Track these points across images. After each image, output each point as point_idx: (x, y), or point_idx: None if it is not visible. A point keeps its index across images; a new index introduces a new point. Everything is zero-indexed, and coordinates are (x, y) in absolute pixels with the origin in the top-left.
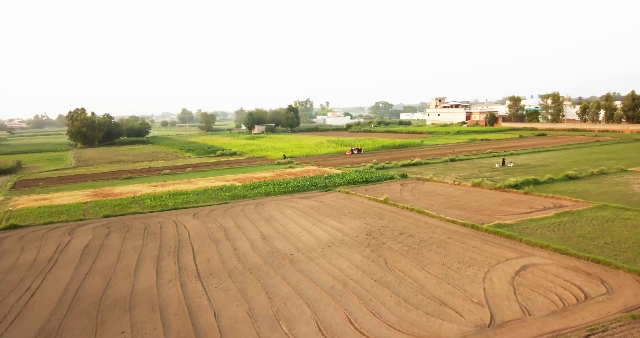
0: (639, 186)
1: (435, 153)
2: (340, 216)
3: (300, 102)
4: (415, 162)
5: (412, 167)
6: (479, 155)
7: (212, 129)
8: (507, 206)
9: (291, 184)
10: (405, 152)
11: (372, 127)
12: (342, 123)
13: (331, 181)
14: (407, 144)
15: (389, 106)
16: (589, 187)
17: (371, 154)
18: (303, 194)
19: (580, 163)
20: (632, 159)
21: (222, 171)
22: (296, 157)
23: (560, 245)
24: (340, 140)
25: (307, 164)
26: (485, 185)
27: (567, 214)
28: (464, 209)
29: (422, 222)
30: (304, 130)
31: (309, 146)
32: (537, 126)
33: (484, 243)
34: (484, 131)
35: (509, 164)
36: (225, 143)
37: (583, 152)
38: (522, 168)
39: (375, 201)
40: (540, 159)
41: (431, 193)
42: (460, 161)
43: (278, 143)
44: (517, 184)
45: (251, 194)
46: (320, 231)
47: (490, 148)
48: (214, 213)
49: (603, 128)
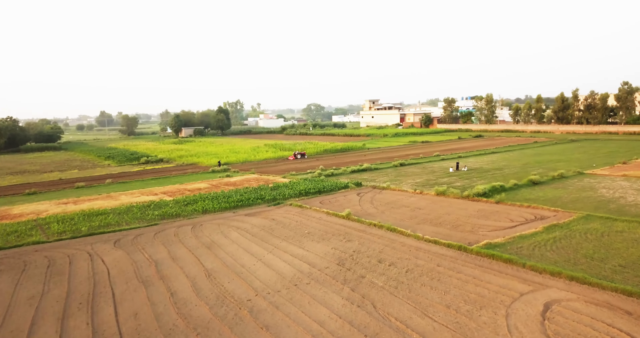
0: (606, 191)
1: (381, 157)
2: (300, 238)
3: (230, 103)
4: (365, 168)
5: (363, 173)
6: (428, 159)
7: (134, 133)
8: (485, 218)
9: (233, 197)
10: (350, 156)
11: (309, 129)
12: (276, 126)
13: (279, 192)
14: (350, 148)
15: (321, 108)
16: (558, 193)
17: (315, 159)
18: (249, 210)
19: (531, 166)
20: (578, 160)
21: (148, 182)
22: (232, 163)
23: (573, 270)
24: (279, 144)
25: (246, 172)
26: (451, 194)
27: (556, 228)
28: (440, 225)
29: (398, 244)
30: (235, 133)
31: (246, 151)
32: (471, 128)
33: (483, 271)
34: (421, 132)
35: (463, 169)
36: (150, 148)
37: (528, 154)
38: (476, 172)
39: (336, 217)
40: (490, 162)
41: (394, 204)
42: (410, 165)
43: (210, 148)
44: (486, 192)
45: (185, 211)
46: (279, 261)
47: (437, 151)
48: (141, 239)
49: (535, 129)
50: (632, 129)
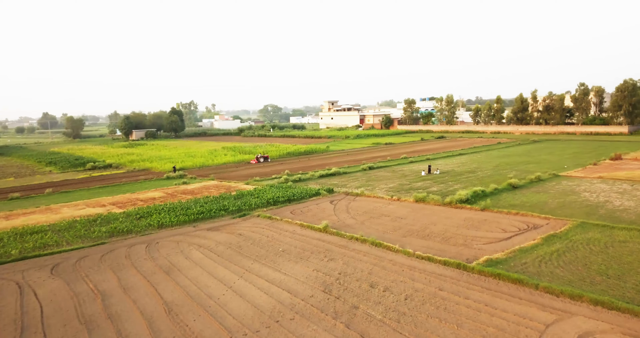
0: (590, 195)
1: (347, 160)
2: (274, 258)
3: (183, 104)
4: (333, 172)
5: (332, 178)
6: (396, 161)
7: (80, 136)
8: (475, 229)
9: (192, 209)
10: (315, 159)
11: (269, 131)
12: (232, 127)
13: (245, 201)
14: (314, 150)
15: (278, 109)
16: (541, 198)
17: (279, 163)
18: (211, 223)
19: (503, 168)
20: (548, 162)
21: (95, 191)
22: (189, 169)
23: (594, 292)
24: (238, 146)
25: (205, 178)
26: (432, 201)
27: (555, 239)
28: (428, 237)
29: (388, 262)
30: (190, 135)
31: (203, 155)
32: (432, 129)
33: (493, 295)
34: (383, 134)
35: (435, 172)
36: (97, 152)
37: (495, 155)
38: (449, 175)
39: (312, 230)
40: (460, 165)
41: (372, 213)
42: (379, 168)
43: (163, 151)
44: (469, 198)
45: (139, 226)
46: (254, 289)
47: (403, 153)
48: (85, 264)
49: (495, 130)
50: (589, 130)
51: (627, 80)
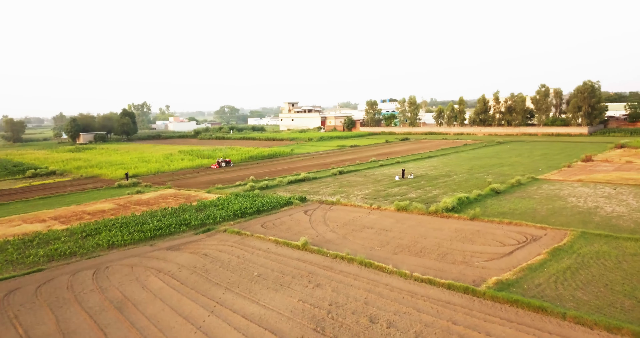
0: (576, 200)
1: (315, 164)
2: (250, 285)
3: (135, 105)
4: (303, 177)
5: (302, 184)
6: (366, 165)
7: (21, 140)
8: (470, 242)
9: (149, 224)
10: (280, 163)
11: (227, 133)
12: (188, 129)
13: (208, 214)
14: (278, 154)
15: (235, 110)
16: (528, 204)
17: (242, 168)
18: (171, 240)
19: (477, 171)
20: (521, 164)
21: (34, 203)
22: (143, 175)
23: (632, 322)
24: (195, 150)
25: (161, 186)
26: (416, 210)
27: (561, 253)
28: (422, 254)
29: (383, 287)
30: (143, 138)
31: (158, 160)
32: (395, 131)
33: (517, 329)
34: (346, 136)
35: (409, 176)
36: (40, 158)
37: (465, 157)
38: (425, 180)
39: (289, 248)
40: (432, 168)
41: (353, 224)
42: (350, 173)
43: (114, 156)
44: (454, 206)
45: (85, 247)
46: (230, 330)
47: (370, 156)
48: (15, 299)
49: (458, 131)
50: (550, 131)
51: (586, 82)
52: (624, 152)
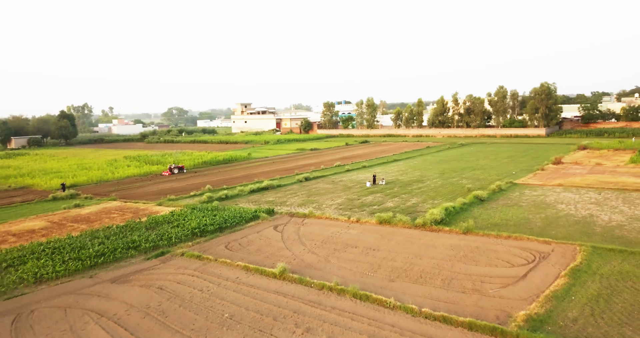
0: (566, 207)
1: (277, 170)
2: (221, 333)
3: (75, 107)
4: (266, 185)
5: (265, 193)
6: (331, 170)
7: None
8: (473, 262)
9: (89, 248)
10: (238, 169)
11: (177, 136)
12: (134, 132)
13: (161, 233)
14: (234, 158)
15: (184, 112)
16: (518, 213)
17: (195, 174)
18: (116, 269)
19: (449, 175)
20: (491, 167)
21: None
22: (83, 185)
23: None
24: (143, 155)
25: (104, 197)
26: (400, 223)
27: (582, 275)
28: (423, 280)
29: (389, 330)
30: (84, 142)
31: (100, 166)
32: (353, 133)
33: None
34: (304, 139)
35: (381, 182)
36: None
37: (432, 161)
38: (398, 186)
39: (263, 277)
40: (402, 173)
41: (333, 241)
42: (316, 179)
43: (50, 163)
44: (443, 217)
45: (3, 284)
46: None
47: (334, 160)
48: None
49: (417, 133)
50: (509, 132)
51: (543, 83)
52: (588, 153)
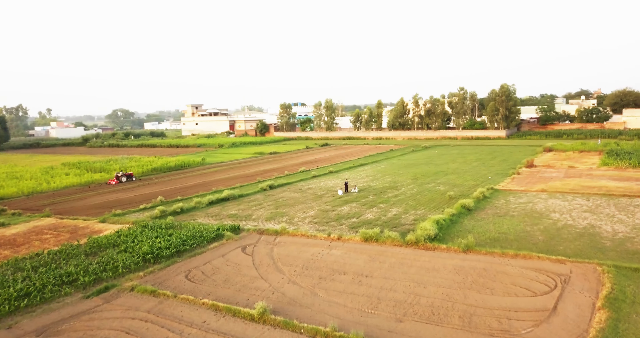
0: (560, 216)
1: (236, 177)
2: None
3: (8, 109)
4: (227, 196)
5: (226, 205)
6: (297, 177)
7: None
8: (487, 291)
9: (9, 286)
10: (192, 176)
11: (122, 140)
12: (75, 136)
13: (105, 260)
14: (187, 164)
15: (130, 114)
16: (514, 225)
17: (145, 183)
18: (45, 314)
19: (422, 180)
20: (463, 171)
21: None
22: (11, 198)
23: None
24: (84, 162)
25: (36, 213)
26: (389, 240)
27: (622, 305)
28: (437, 319)
29: None
30: (17, 147)
31: (34, 175)
32: (311, 135)
33: None
34: (260, 141)
35: (353, 190)
36: None
37: (400, 165)
38: (372, 193)
39: (238, 321)
40: (372, 178)
41: (315, 266)
42: (281, 187)
43: None
44: (437, 233)
45: None
46: None
47: (296, 165)
48: None
49: (377, 136)
50: (470, 134)
51: (503, 85)
52: (555, 156)
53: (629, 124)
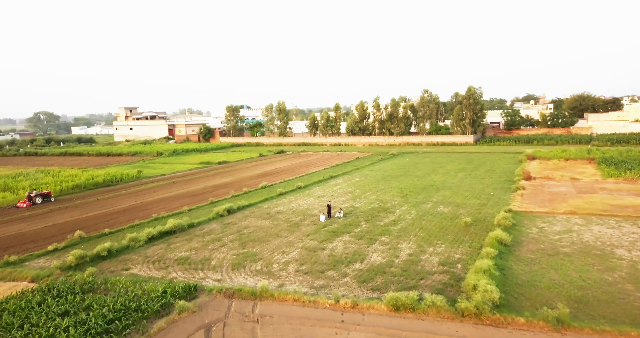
0: (629, 253)
1: (178, 195)
2: None
3: None
4: (172, 227)
5: (173, 242)
6: (260, 195)
7: None
8: None
9: None
10: (125, 196)
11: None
12: None
13: None
14: (119, 179)
15: (55, 117)
16: (584, 272)
17: (63, 206)
18: None
19: (414, 198)
20: (457, 186)
21: None
22: None
23: None
24: None
25: None
26: (432, 310)
27: None
28: None
29: None
30: None
31: None
32: (263, 141)
33: None
34: (205, 148)
35: (338, 215)
36: None
37: (376, 177)
38: (361, 218)
39: None
40: (352, 196)
41: None
42: (242, 211)
43: None
44: (500, 296)
45: None
46: None
47: (257, 178)
48: None
49: (335, 142)
50: (436, 140)
51: (470, 87)
52: (543, 165)
53: (594, 129)
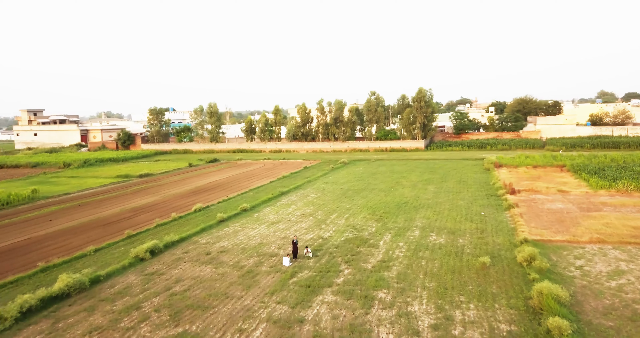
0: None
1: (84, 226)
2: None
3: None
4: (64, 288)
5: (64, 315)
6: (196, 224)
7: None
8: None
9: None
10: (6, 229)
11: None
12: None
13: None
14: (5, 202)
15: None
16: None
17: None
18: None
19: (393, 223)
20: (435, 204)
21: None
22: None
23: None
24: None
25: None
26: None
27: None
28: None
29: None
30: None
31: None
32: (192, 148)
33: None
34: (125, 157)
35: (307, 254)
36: None
37: (335, 192)
38: (339, 258)
39: None
40: (316, 222)
41: None
42: (170, 251)
43: None
44: None
45: None
46: None
47: (187, 198)
48: None
49: (275, 148)
50: (384, 145)
51: (421, 89)
52: (513, 173)
53: (543, 133)
